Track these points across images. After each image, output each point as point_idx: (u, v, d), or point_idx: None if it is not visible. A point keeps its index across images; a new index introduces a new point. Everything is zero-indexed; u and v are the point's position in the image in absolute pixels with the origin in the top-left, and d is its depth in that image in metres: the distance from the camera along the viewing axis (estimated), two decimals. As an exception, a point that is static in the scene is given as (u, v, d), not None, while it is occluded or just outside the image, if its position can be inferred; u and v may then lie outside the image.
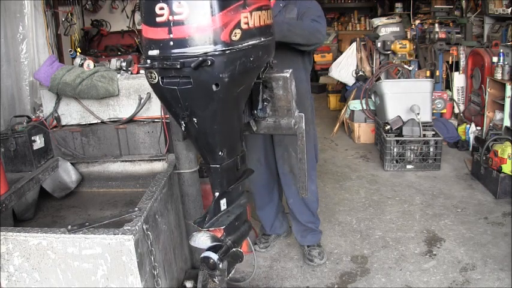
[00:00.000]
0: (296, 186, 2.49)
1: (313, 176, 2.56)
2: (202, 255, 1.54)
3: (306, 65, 2.42)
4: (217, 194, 1.58)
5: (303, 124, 1.62)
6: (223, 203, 1.60)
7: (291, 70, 1.56)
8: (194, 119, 1.40)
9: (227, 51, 1.28)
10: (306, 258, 2.62)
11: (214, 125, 1.43)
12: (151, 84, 1.40)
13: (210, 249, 1.55)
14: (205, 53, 1.26)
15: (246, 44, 1.33)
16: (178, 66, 1.27)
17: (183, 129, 1.46)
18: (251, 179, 2.66)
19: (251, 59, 1.36)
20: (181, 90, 1.32)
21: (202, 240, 1.58)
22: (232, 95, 1.38)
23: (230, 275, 1.68)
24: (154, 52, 1.31)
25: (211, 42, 1.26)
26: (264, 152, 2.54)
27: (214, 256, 1.51)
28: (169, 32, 1.26)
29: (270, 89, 1.59)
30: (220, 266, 1.52)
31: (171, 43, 1.27)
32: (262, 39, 1.40)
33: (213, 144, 1.50)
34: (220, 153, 1.51)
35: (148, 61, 1.33)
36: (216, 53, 1.27)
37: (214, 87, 1.30)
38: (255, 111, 1.64)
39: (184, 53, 1.27)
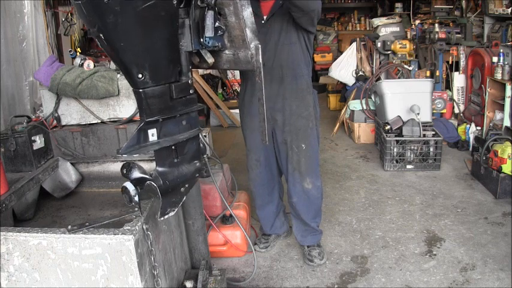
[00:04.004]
0: (301, 184, 2.50)
1: (318, 171, 2.56)
2: (123, 185, 1.48)
3: (306, 58, 2.40)
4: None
5: (260, 57, 1.47)
6: (151, 133, 1.49)
7: None
8: (100, 34, 1.35)
9: None
10: (306, 259, 2.62)
11: (121, 42, 1.36)
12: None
13: (133, 181, 1.48)
14: None
15: None
16: None
17: (100, 46, 1.40)
18: (251, 179, 2.67)
19: None
20: (84, 4, 1.29)
21: (132, 171, 1.50)
22: (135, 9, 1.32)
23: (166, 217, 1.58)
24: None
25: None
26: (264, 152, 2.54)
27: (130, 187, 1.45)
28: None
29: (223, 17, 1.49)
30: (136, 198, 1.45)
31: None
32: None
33: (128, 64, 1.41)
34: (140, 75, 1.42)
35: None
36: None
37: None
38: (202, 40, 1.52)
39: None
